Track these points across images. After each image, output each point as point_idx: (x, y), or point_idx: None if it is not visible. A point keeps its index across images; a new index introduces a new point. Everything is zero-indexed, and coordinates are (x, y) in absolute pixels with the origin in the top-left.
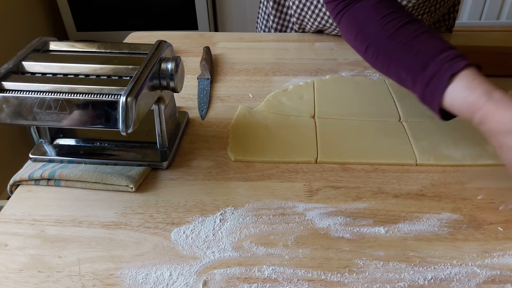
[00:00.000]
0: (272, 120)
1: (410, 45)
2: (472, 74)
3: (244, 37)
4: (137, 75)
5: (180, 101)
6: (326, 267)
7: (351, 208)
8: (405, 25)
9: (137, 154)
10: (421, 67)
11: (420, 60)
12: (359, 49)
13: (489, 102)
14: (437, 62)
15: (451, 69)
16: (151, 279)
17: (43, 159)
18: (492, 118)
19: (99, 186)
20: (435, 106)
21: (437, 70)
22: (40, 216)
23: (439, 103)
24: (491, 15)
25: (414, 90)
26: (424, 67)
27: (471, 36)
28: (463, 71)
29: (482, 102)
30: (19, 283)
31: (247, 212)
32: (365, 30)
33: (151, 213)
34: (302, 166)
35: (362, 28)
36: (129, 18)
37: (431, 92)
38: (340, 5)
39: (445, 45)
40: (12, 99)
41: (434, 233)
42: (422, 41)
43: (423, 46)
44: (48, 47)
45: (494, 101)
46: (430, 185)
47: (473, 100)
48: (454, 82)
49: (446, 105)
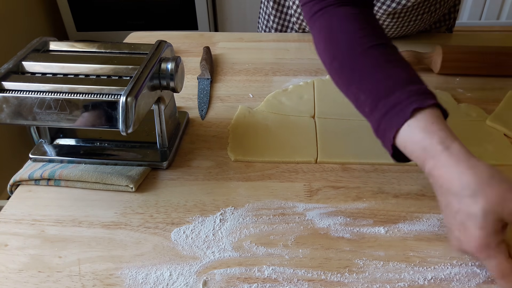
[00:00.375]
0: (272, 120)
1: (381, 68)
2: (434, 116)
3: (244, 37)
4: (137, 75)
5: (180, 101)
6: (326, 267)
7: (351, 208)
8: (380, 46)
9: (137, 154)
10: (384, 92)
11: (386, 86)
12: (326, 57)
13: (444, 154)
14: (404, 93)
15: (417, 103)
16: (151, 279)
17: (43, 159)
18: (443, 174)
19: (99, 186)
20: (387, 140)
21: (402, 100)
22: (40, 216)
23: (393, 137)
24: (491, 15)
25: (370, 117)
26: (388, 95)
27: (471, 36)
28: (428, 109)
29: (437, 151)
30: (19, 283)
31: (247, 212)
32: (336, 39)
33: (151, 213)
34: (302, 166)
35: (333, 36)
36: (129, 18)
37: (388, 123)
38: (317, 6)
39: (416, 77)
40: (12, 99)
41: (434, 233)
42: (394, 68)
43: (394, 73)
44: (48, 47)
45: (449, 153)
46: (430, 185)
47: (427, 146)
48: (413, 119)
49: (399, 142)
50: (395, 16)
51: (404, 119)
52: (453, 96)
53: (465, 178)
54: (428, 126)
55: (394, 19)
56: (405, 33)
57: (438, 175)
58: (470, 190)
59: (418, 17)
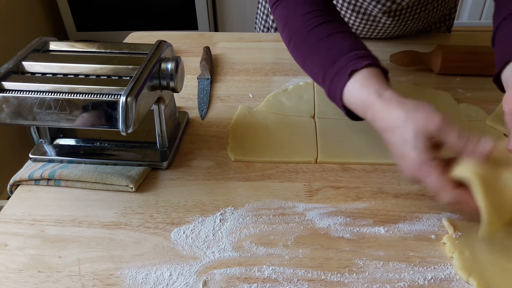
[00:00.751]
0: (272, 120)
1: (326, 41)
2: (371, 73)
3: (244, 37)
4: (137, 75)
5: (180, 101)
6: (326, 267)
7: (351, 208)
8: (326, 23)
9: (137, 154)
10: (330, 62)
11: (331, 56)
12: (285, 40)
13: (378, 100)
14: (344, 59)
15: (353, 66)
16: (151, 279)
17: (43, 159)
18: (380, 116)
19: (99, 186)
20: (338, 102)
21: (342, 66)
22: (40, 216)
23: (341, 99)
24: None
25: (324, 85)
26: (333, 63)
27: (471, 36)
28: (364, 69)
29: (372, 100)
30: (19, 283)
31: (247, 212)
32: (291, 23)
33: (151, 213)
34: (302, 166)
35: (289, 20)
36: (129, 18)
37: (335, 87)
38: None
39: (358, 44)
40: (12, 99)
41: (434, 233)
42: (338, 39)
43: (337, 43)
44: (48, 47)
45: (382, 99)
46: None
47: (365, 98)
48: (352, 79)
49: (345, 101)
50: (390, 15)
51: (345, 81)
52: (453, 96)
53: (396, 113)
54: (364, 82)
55: (391, 18)
56: (403, 32)
57: (376, 120)
58: (401, 120)
59: (415, 16)
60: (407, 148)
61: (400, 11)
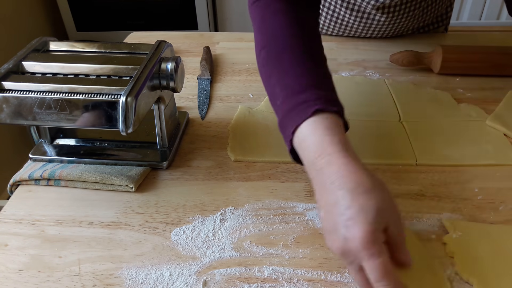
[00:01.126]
0: (272, 120)
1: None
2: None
3: (244, 37)
4: (137, 75)
5: (180, 101)
6: (326, 267)
7: None
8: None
9: (137, 154)
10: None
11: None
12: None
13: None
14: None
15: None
16: (151, 279)
17: (43, 159)
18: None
19: (99, 186)
20: (287, 135)
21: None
22: (40, 216)
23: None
24: (491, 15)
25: (279, 110)
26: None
27: (470, 36)
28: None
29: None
30: (19, 283)
31: (247, 212)
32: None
33: (151, 213)
34: (302, 166)
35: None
36: (129, 18)
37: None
38: None
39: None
40: (12, 99)
41: (434, 233)
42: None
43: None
44: (48, 47)
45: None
46: (430, 185)
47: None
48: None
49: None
50: (384, 11)
51: (306, 116)
52: (453, 96)
53: (362, 176)
54: (328, 126)
55: (385, 14)
56: (400, 31)
57: (331, 171)
58: (365, 188)
59: (410, 14)
60: (362, 217)
61: (394, 8)
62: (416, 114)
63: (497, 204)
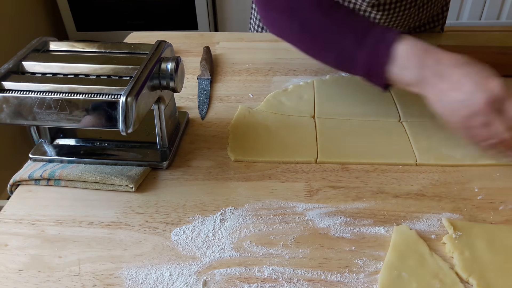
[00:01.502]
0: (272, 120)
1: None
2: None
3: (244, 37)
4: (137, 75)
5: (180, 101)
6: (326, 267)
7: (351, 208)
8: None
9: (137, 154)
10: (362, 34)
11: (361, 29)
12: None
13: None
14: (380, 30)
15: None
16: (151, 279)
17: (43, 159)
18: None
19: (99, 186)
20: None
21: (383, 32)
22: (40, 216)
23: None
24: (491, 15)
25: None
26: (366, 33)
27: (470, 36)
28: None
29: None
30: (19, 283)
31: (247, 212)
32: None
33: (151, 213)
34: (302, 166)
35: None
36: (129, 18)
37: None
38: None
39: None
40: (12, 99)
41: (434, 233)
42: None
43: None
44: (48, 47)
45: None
46: (430, 185)
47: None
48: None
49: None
50: (380, 9)
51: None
52: None
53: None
54: (417, 41)
55: (380, 12)
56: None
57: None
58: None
59: (406, 12)
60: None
61: (389, 5)
62: (416, 114)
63: (497, 204)
